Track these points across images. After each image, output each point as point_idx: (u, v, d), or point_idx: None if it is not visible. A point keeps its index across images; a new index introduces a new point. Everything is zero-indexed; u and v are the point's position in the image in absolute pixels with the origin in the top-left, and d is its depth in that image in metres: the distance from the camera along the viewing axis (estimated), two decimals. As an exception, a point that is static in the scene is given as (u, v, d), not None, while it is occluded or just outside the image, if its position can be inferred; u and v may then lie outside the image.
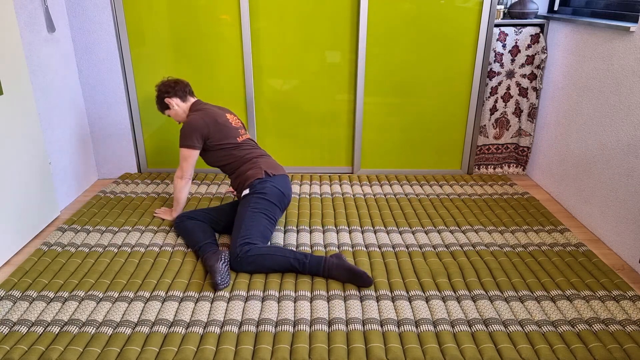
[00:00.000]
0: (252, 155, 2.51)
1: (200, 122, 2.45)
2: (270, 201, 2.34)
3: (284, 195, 2.41)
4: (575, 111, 2.83)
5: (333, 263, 2.14)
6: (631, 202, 2.33)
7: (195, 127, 2.44)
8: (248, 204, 2.31)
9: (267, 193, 2.35)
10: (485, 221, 2.70)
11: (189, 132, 2.45)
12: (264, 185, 2.36)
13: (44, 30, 2.74)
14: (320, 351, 1.71)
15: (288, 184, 2.48)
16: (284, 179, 2.47)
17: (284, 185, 2.44)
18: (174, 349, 1.73)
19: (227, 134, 2.50)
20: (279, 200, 2.39)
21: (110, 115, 3.22)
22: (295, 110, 3.30)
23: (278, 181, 2.42)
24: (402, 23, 3.09)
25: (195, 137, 2.45)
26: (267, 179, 2.39)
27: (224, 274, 2.09)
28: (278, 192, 2.38)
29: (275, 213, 2.37)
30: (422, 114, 3.31)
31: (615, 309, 1.96)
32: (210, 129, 2.46)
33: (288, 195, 2.46)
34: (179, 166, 2.53)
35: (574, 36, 2.85)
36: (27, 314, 1.91)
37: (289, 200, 2.48)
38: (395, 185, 3.19)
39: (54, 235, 2.51)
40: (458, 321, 1.88)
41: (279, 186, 2.40)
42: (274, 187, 2.38)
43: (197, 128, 2.44)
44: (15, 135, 2.40)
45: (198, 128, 2.44)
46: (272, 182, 2.39)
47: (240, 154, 2.50)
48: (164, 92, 2.59)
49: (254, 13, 3.06)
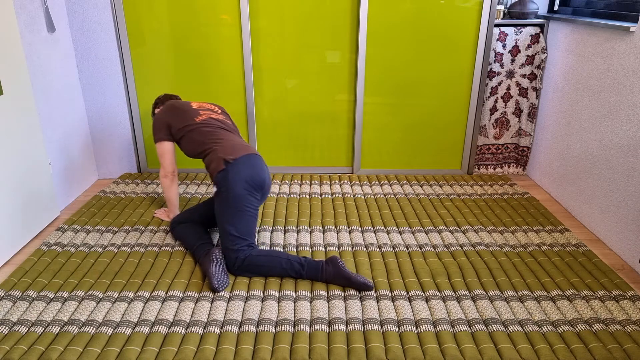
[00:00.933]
0: (212, 139, 2.35)
1: (161, 113, 2.50)
2: (238, 194, 2.17)
3: (251, 178, 2.21)
4: (575, 111, 2.83)
5: (330, 273, 2.10)
6: (631, 202, 2.33)
7: (157, 119, 2.49)
8: (220, 205, 2.20)
9: (231, 188, 2.17)
10: (485, 221, 2.70)
11: (154, 127, 2.49)
12: (226, 179, 2.19)
13: (44, 31, 2.73)
14: (320, 351, 1.71)
15: (253, 163, 2.26)
16: (247, 159, 2.25)
17: (248, 167, 2.23)
18: (174, 349, 1.73)
19: (184, 116, 2.44)
20: (248, 187, 2.20)
21: (110, 115, 3.22)
22: (295, 110, 3.30)
23: (240, 167, 2.21)
24: (402, 23, 3.09)
25: (160, 128, 2.47)
26: (228, 168, 2.20)
27: (219, 276, 2.08)
28: (243, 181, 2.19)
29: (250, 202, 2.21)
30: (422, 114, 3.31)
31: (615, 309, 1.96)
32: (170, 116, 2.46)
33: (257, 176, 2.24)
34: (160, 165, 2.53)
35: (574, 36, 2.84)
36: (27, 314, 1.91)
37: (262, 179, 2.26)
38: (395, 185, 3.19)
39: (54, 235, 2.51)
40: (458, 321, 1.88)
41: (243, 173, 2.19)
42: (236, 178, 2.18)
43: (159, 119, 2.48)
44: (15, 135, 2.40)
45: (160, 119, 2.48)
46: (234, 171, 2.19)
47: (200, 138, 2.36)
48: (154, 105, 2.72)
49: (254, 13, 3.06)
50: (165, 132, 2.47)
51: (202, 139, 2.37)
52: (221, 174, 2.21)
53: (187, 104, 2.53)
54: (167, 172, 2.52)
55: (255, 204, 2.25)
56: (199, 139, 2.37)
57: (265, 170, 2.30)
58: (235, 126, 2.64)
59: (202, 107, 2.55)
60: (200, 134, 2.38)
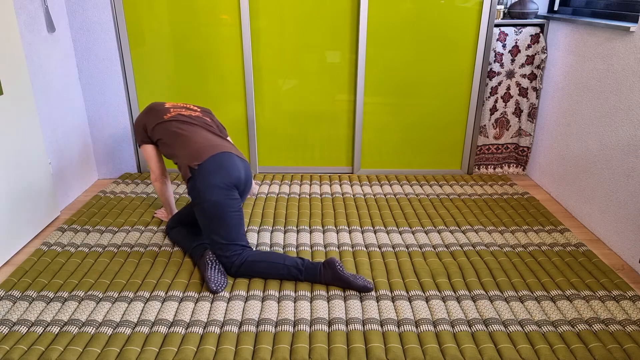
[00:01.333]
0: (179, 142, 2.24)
1: (138, 116, 2.49)
2: (213, 202, 2.06)
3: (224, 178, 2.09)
4: (575, 111, 2.83)
5: (328, 277, 2.07)
6: (631, 202, 2.32)
7: (135, 122, 2.48)
8: (201, 216, 2.11)
9: (205, 198, 2.06)
10: (485, 221, 2.70)
11: (135, 130, 2.48)
12: (196, 189, 2.09)
13: (44, 31, 2.73)
14: (320, 351, 1.71)
15: (223, 162, 2.12)
16: (215, 160, 2.12)
17: (217, 168, 2.10)
18: (174, 349, 1.73)
19: (155, 116, 2.39)
20: (223, 190, 2.08)
21: (110, 115, 3.22)
22: (295, 110, 3.30)
23: (208, 170, 2.08)
24: (402, 23, 3.09)
25: (138, 132, 2.45)
26: (195, 177, 2.09)
27: (216, 278, 2.07)
28: (215, 186, 2.06)
29: (231, 204, 2.09)
30: (422, 114, 3.31)
31: (615, 309, 1.96)
32: (144, 117, 2.44)
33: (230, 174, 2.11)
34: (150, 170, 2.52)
35: (574, 36, 2.84)
36: (26, 314, 1.91)
37: (236, 176, 2.13)
38: (395, 185, 3.19)
39: (53, 235, 2.51)
40: (458, 321, 1.88)
41: (211, 179, 2.07)
42: (207, 186, 2.06)
43: (136, 122, 2.47)
44: (15, 135, 2.40)
45: (137, 122, 2.47)
46: (202, 179, 2.07)
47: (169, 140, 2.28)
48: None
49: (254, 13, 3.06)
50: (143, 134, 2.44)
51: (170, 141, 2.27)
52: (190, 183, 2.12)
53: (161, 104, 2.48)
54: (156, 175, 2.48)
55: (236, 204, 2.13)
56: (167, 142, 2.28)
57: (237, 166, 2.15)
58: (221, 127, 2.55)
59: (175, 105, 2.48)
60: (168, 135, 2.29)
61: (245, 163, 2.25)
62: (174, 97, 3.25)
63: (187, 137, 2.25)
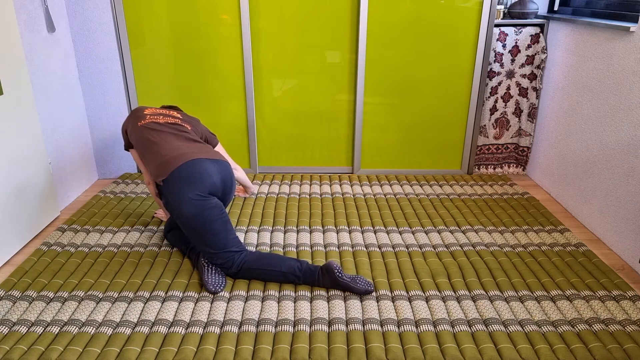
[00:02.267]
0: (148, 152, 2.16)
1: (124, 121, 2.44)
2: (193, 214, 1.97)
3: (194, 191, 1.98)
4: (575, 111, 2.83)
5: (327, 283, 2.05)
6: (631, 202, 2.32)
7: (122, 126, 2.43)
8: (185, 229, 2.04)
9: (181, 213, 1.98)
10: (485, 221, 2.70)
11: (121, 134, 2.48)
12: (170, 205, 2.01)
13: (44, 31, 2.73)
14: (320, 351, 1.71)
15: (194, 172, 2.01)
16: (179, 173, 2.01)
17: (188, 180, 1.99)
18: (174, 349, 1.73)
19: (133, 120, 2.31)
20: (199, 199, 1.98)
21: (110, 115, 3.22)
22: (295, 110, 3.30)
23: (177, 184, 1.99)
24: (402, 23, 3.09)
25: (123, 135, 2.43)
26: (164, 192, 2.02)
27: (214, 279, 2.06)
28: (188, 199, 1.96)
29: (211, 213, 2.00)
30: (422, 114, 3.31)
31: (615, 309, 1.96)
32: (126, 121, 2.40)
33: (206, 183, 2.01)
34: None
35: (574, 36, 2.84)
36: (26, 314, 1.91)
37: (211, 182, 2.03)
38: (395, 185, 3.19)
39: (53, 235, 2.51)
40: (458, 321, 1.88)
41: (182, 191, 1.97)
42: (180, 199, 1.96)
43: (122, 125, 2.43)
44: (15, 135, 2.40)
45: (123, 125, 2.43)
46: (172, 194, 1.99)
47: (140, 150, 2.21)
48: None
49: (254, 13, 3.06)
50: (126, 138, 2.42)
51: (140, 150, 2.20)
52: (162, 199, 2.05)
53: (142, 109, 2.38)
54: (148, 178, 2.45)
55: (216, 212, 2.01)
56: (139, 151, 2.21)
57: (209, 172, 2.03)
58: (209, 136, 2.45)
59: (154, 112, 2.34)
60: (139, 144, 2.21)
61: (221, 165, 2.11)
62: (174, 97, 3.25)
63: (154, 148, 2.14)
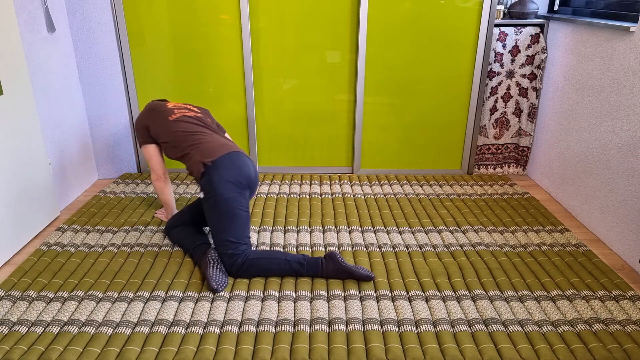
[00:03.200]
0: (189, 143, 2.29)
1: (140, 116, 2.50)
2: (226, 198, 2.12)
3: (236, 177, 2.16)
4: (575, 111, 2.83)
5: (330, 269, 2.12)
6: (631, 202, 2.32)
7: (137, 122, 2.49)
8: (210, 212, 2.15)
9: (218, 193, 2.11)
10: (485, 221, 2.70)
11: (137, 130, 2.49)
12: (210, 184, 2.13)
13: (44, 31, 2.73)
14: (320, 351, 1.71)
15: (236, 161, 2.19)
16: (229, 158, 2.19)
17: (231, 166, 2.17)
18: (174, 349, 1.73)
19: (159, 117, 2.42)
20: (236, 186, 2.15)
21: (110, 115, 3.22)
22: (295, 110, 3.30)
23: (223, 167, 2.15)
24: (402, 23, 3.09)
25: (140, 132, 2.47)
26: (209, 172, 2.14)
27: (217, 277, 2.07)
28: (228, 181, 2.13)
29: (240, 202, 2.15)
30: (422, 114, 3.31)
31: (615, 309, 1.96)
32: (147, 118, 2.46)
33: (242, 173, 2.18)
34: (150, 169, 2.53)
35: (574, 36, 2.84)
36: (26, 314, 1.91)
37: (248, 175, 2.20)
38: (395, 185, 3.19)
39: (53, 235, 2.51)
40: (458, 321, 1.88)
41: (225, 173, 2.14)
42: (221, 180, 2.12)
43: (138, 122, 2.48)
44: (15, 135, 2.40)
45: (138, 122, 2.48)
46: (216, 175, 2.13)
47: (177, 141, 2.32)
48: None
49: (254, 13, 3.06)
50: (146, 135, 2.46)
51: (178, 142, 2.31)
52: (204, 179, 2.16)
53: (163, 105, 2.50)
54: (158, 175, 2.50)
55: (246, 203, 2.19)
56: (175, 142, 2.32)
57: (249, 166, 2.23)
58: (219, 126, 2.60)
59: (177, 106, 2.50)
60: (174, 137, 2.32)
61: (254, 163, 2.31)
62: (174, 97, 3.25)
63: (196, 137, 2.31)
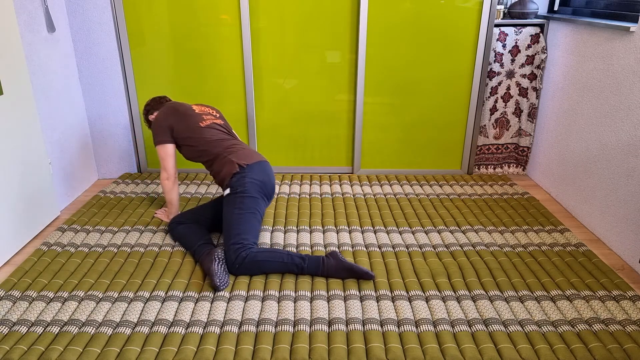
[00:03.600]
0: (222, 147, 2.43)
1: (162, 115, 2.50)
2: (253, 197, 2.28)
3: (264, 184, 2.34)
4: (575, 111, 2.83)
5: (331, 265, 2.14)
6: (631, 202, 2.32)
7: (159, 121, 2.49)
8: (232, 206, 2.26)
9: (247, 190, 2.27)
10: (485, 221, 2.70)
11: (156, 129, 2.49)
12: (242, 181, 2.29)
13: (44, 31, 2.74)
14: (320, 351, 1.71)
15: (266, 170, 2.39)
16: (260, 166, 2.38)
17: (262, 173, 2.35)
18: (174, 349, 1.73)
19: (187, 121, 2.48)
20: (261, 192, 2.32)
21: (110, 115, 3.22)
22: (295, 110, 3.30)
23: (255, 171, 2.33)
24: (402, 23, 3.09)
25: (162, 131, 2.47)
26: (243, 172, 2.31)
27: (221, 274, 2.08)
28: (257, 184, 2.31)
29: (261, 206, 2.31)
30: (422, 114, 3.31)
31: (615, 309, 1.96)
32: (172, 119, 2.48)
33: (269, 182, 2.38)
34: (161, 168, 2.53)
35: (574, 36, 2.85)
36: (26, 314, 1.91)
37: (272, 186, 2.41)
38: (395, 185, 3.19)
39: (53, 235, 2.51)
40: (458, 321, 1.88)
41: (256, 177, 2.32)
42: (252, 181, 2.30)
43: (161, 121, 2.49)
44: (15, 135, 2.40)
45: (161, 121, 2.49)
46: (250, 175, 2.31)
47: (208, 146, 2.43)
48: (146, 112, 2.70)
49: (254, 13, 3.06)
50: (167, 135, 2.47)
51: (209, 147, 2.42)
52: (237, 176, 2.30)
53: (189, 108, 2.55)
54: (170, 174, 2.53)
55: (263, 209, 2.34)
56: (208, 147, 2.43)
57: (273, 178, 2.42)
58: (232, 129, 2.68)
59: (203, 111, 2.57)
60: (206, 142, 2.44)
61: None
62: (174, 97, 3.25)
63: (229, 142, 2.45)
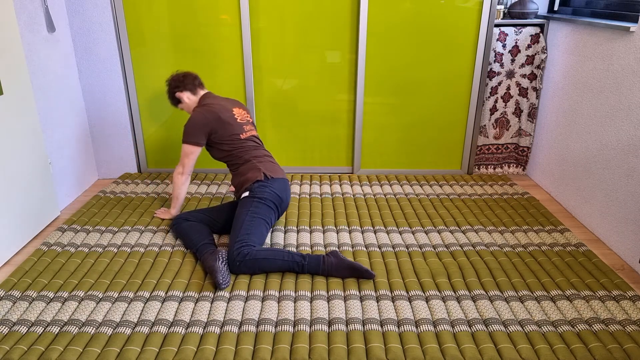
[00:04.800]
0: (254, 155, 2.49)
1: (203, 119, 2.45)
2: (268, 206, 2.34)
3: (282, 200, 2.41)
4: (575, 111, 2.83)
5: (332, 263, 2.14)
6: (631, 202, 2.32)
7: (198, 123, 2.45)
8: (247, 207, 2.30)
9: (266, 198, 2.34)
10: (485, 221, 2.70)
11: (192, 129, 2.45)
12: (263, 189, 2.36)
13: (44, 30, 2.73)
14: (320, 351, 1.71)
15: (287, 189, 2.47)
16: (284, 183, 2.46)
17: (283, 189, 2.43)
18: (174, 349, 1.73)
19: (230, 130, 2.48)
20: (277, 205, 2.39)
21: (110, 115, 3.22)
22: (296, 110, 3.30)
23: (277, 185, 2.40)
24: (402, 23, 3.09)
25: (198, 133, 2.45)
26: (267, 182, 2.38)
27: (224, 273, 2.09)
28: (277, 197, 2.38)
29: (273, 218, 2.38)
30: (422, 114, 3.31)
31: (615, 309, 1.96)
32: (213, 126, 2.46)
33: (286, 200, 2.45)
34: (179, 162, 2.53)
35: (574, 36, 2.85)
36: (26, 314, 1.91)
37: (287, 205, 2.49)
38: (395, 185, 3.19)
39: (53, 235, 2.51)
40: (458, 321, 1.88)
41: (277, 191, 2.39)
42: (273, 192, 2.37)
43: (200, 124, 2.44)
44: (15, 135, 2.40)
45: (201, 124, 2.44)
46: (272, 186, 2.38)
47: (242, 153, 2.49)
48: (174, 87, 2.62)
49: (254, 13, 3.06)
50: (202, 138, 2.46)
51: (245, 154, 2.49)
52: (260, 183, 2.37)
53: (231, 116, 2.51)
54: (186, 171, 2.55)
55: (274, 222, 2.40)
56: (241, 154, 2.49)
57: (290, 197, 2.52)
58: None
59: (243, 119, 2.58)
60: (243, 150, 2.49)
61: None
62: (174, 97, 3.25)
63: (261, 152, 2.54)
